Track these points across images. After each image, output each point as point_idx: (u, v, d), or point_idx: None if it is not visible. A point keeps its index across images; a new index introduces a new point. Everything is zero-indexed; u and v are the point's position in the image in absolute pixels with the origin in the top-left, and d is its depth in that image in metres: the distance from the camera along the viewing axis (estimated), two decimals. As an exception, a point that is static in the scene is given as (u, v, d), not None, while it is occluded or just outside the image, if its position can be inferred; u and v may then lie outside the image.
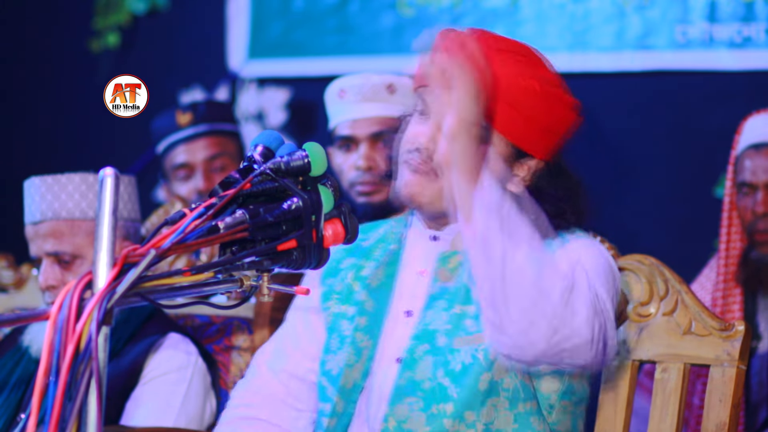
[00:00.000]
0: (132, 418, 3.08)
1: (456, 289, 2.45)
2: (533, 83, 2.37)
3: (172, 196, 4.20)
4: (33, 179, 3.19)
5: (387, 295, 2.51)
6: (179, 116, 4.23)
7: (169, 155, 4.24)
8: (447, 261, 2.47)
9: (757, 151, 3.79)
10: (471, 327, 2.41)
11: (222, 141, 4.25)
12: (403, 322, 2.48)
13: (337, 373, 2.51)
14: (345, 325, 2.53)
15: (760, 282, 3.79)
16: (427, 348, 2.43)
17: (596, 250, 2.43)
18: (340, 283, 2.57)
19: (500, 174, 2.37)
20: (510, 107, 2.36)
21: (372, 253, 2.57)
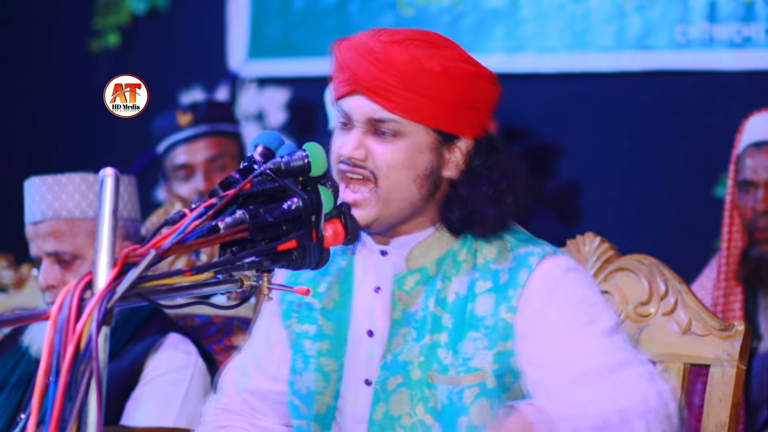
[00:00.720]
0: (132, 418, 3.07)
1: (423, 318, 2.37)
2: (433, 64, 2.32)
3: (172, 196, 4.20)
4: (33, 179, 3.19)
5: (345, 316, 2.44)
6: (179, 117, 4.23)
7: (169, 155, 4.23)
8: (403, 282, 2.40)
9: (758, 149, 3.80)
10: (444, 358, 2.34)
11: (222, 141, 4.24)
12: (366, 342, 2.41)
13: (306, 393, 2.45)
14: (308, 345, 2.46)
15: (761, 280, 3.79)
16: (400, 381, 2.36)
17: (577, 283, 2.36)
18: (298, 301, 2.49)
19: (432, 164, 2.35)
20: (415, 94, 2.32)
21: (328, 267, 2.45)
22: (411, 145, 2.33)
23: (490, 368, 2.32)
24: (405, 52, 2.32)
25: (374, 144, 2.33)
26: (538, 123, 4.87)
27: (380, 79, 2.31)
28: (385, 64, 2.31)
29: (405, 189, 2.34)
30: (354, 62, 2.33)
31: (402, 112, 2.32)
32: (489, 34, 4.84)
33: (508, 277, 2.35)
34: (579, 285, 2.34)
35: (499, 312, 2.33)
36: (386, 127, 2.32)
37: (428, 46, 2.34)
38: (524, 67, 4.79)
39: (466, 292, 2.37)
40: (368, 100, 2.32)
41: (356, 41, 2.36)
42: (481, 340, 2.33)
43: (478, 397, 2.32)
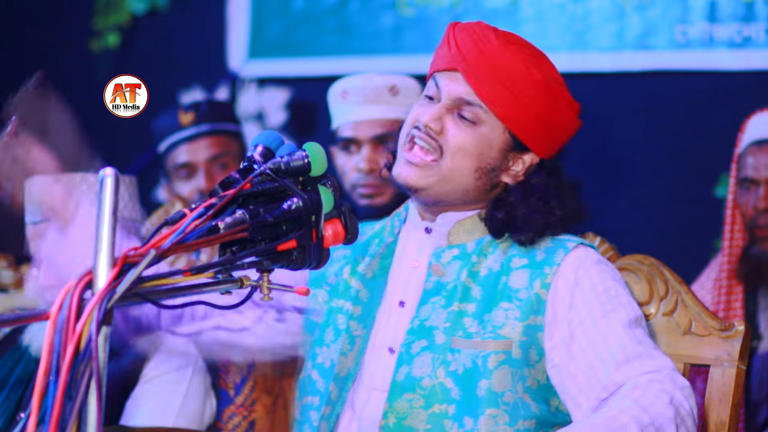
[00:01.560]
0: (132, 418, 3.08)
1: (453, 287, 2.46)
2: (535, 72, 2.44)
3: (173, 195, 4.20)
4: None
5: (381, 286, 2.53)
6: (181, 116, 4.23)
7: (171, 154, 4.23)
8: (440, 256, 2.50)
9: (759, 147, 3.81)
10: (470, 326, 2.42)
11: (224, 141, 4.25)
12: (396, 312, 2.50)
13: (329, 366, 2.52)
14: (341, 320, 2.55)
15: (761, 278, 3.79)
16: (425, 344, 2.44)
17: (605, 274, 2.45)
18: (335, 276, 2.59)
19: (496, 163, 2.45)
20: (510, 92, 2.42)
21: (368, 248, 2.59)
22: (485, 136, 2.44)
23: (518, 339, 2.40)
24: (516, 53, 2.44)
25: (452, 124, 2.44)
26: (538, 123, 4.86)
27: (484, 67, 2.42)
28: (494, 57, 2.42)
29: (464, 175, 2.44)
30: (465, 45, 2.44)
31: (490, 102, 2.42)
32: (489, 34, 4.84)
33: (545, 256, 2.44)
34: (606, 276, 2.43)
35: (533, 286, 2.42)
36: (470, 111, 2.43)
37: (538, 58, 2.47)
38: (524, 67, 4.79)
39: (500, 267, 2.45)
40: (464, 82, 2.43)
41: (475, 28, 2.47)
42: (513, 310, 2.41)
43: (502, 363, 2.39)
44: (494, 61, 2.42)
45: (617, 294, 2.42)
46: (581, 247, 2.46)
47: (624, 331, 2.37)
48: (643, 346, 2.36)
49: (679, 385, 2.31)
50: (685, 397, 2.30)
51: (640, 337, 2.37)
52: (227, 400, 3.31)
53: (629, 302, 2.43)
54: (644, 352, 2.35)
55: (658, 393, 2.28)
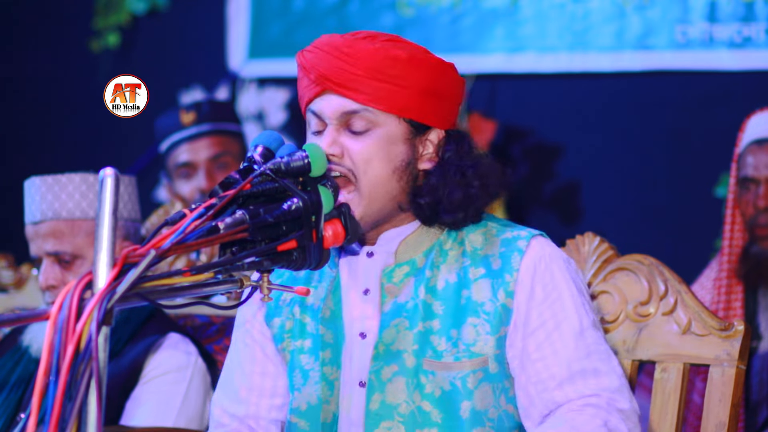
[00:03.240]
0: (132, 418, 3.08)
1: (414, 306, 2.38)
2: (398, 52, 2.35)
3: (174, 194, 4.21)
4: (33, 179, 3.19)
5: (340, 322, 2.43)
6: (183, 115, 4.23)
7: (172, 154, 4.24)
8: (392, 276, 2.41)
9: (759, 146, 3.81)
10: (438, 344, 2.36)
11: (225, 140, 4.25)
12: (359, 344, 2.41)
13: (306, 408, 2.43)
14: (304, 360, 2.45)
15: (761, 277, 3.79)
16: (396, 369, 2.37)
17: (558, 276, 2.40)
18: (289, 320, 2.48)
19: (407, 155, 2.38)
20: (384, 83, 2.34)
21: (310, 280, 2.48)
22: (384, 136, 2.35)
23: (492, 353, 2.35)
24: (370, 44, 2.36)
25: (348, 141, 2.35)
26: (538, 123, 4.87)
27: (348, 71, 2.34)
28: (352, 56, 2.34)
29: (385, 182, 2.35)
30: (320, 60, 2.36)
31: (372, 102, 2.34)
32: (489, 34, 4.84)
33: (501, 263, 2.37)
34: (559, 279, 2.38)
35: (498, 297, 2.36)
36: (358, 119, 2.34)
37: (391, 39, 2.39)
38: (524, 67, 4.79)
39: (457, 279, 2.38)
40: (338, 96, 2.35)
41: (320, 42, 2.39)
42: (482, 325, 2.35)
43: (482, 381, 2.35)
44: (354, 63, 2.34)
45: (572, 297, 2.37)
46: (533, 243, 2.39)
47: (573, 344, 2.33)
48: (589, 360, 2.32)
49: (615, 408, 2.29)
50: (621, 420, 2.28)
51: (590, 346, 2.34)
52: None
53: (582, 305, 2.37)
54: (589, 368, 2.32)
55: (590, 418, 2.26)
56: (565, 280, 2.38)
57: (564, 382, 2.31)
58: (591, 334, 2.36)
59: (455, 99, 2.43)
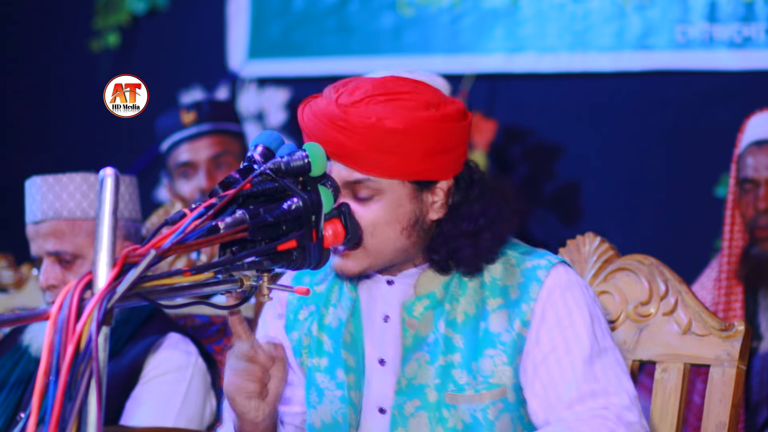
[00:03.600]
0: (132, 418, 3.08)
1: (435, 340, 2.38)
2: (394, 123, 2.29)
3: (174, 194, 4.21)
4: (34, 179, 3.19)
5: (361, 348, 2.43)
6: (183, 115, 4.24)
7: (172, 153, 4.24)
8: (412, 309, 2.40)
9: (759, 147, 3.80)
10: (460, 378, 2.36)
11: (226, 140, 4.26)
12: (378, 370, 2.41)
13: (320, 426, 2.45)
14: (320, 378, 2.46)
15: (761, 278, 3.79)
16: (418, 404, 2.37)
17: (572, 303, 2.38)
18: (306, 336, 2.49)
19: (415, 213, 2.36)
20: (384, 154, 2.30)
21: (329, 298, 2.49)
22: (391, 201, 2.33)
23: (511, 383, 2.36)
24: (364, 116, 2.29)
25: (355, 206, 2.32)
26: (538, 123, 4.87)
27: (346, 146, 2.30)
28: (348, 130, 2.29)
29: (393, 242, 2.35)
30: (318, 131, 2.32)
31: (374, 172, 2.31)
32: (489, 34, 4.84)
33: (519, 293, 2.37)
34: (572, 306, 2.36)
35: (514, 327, 2.35)
36: (363, 188, 2.32)
37: (388, 102, 2.31)
38: (524, 67, 4.79)
39: (475, 311, 2.38)
40: (340, 164, 2.32)
41: (317, 109, 2.34)
42: (499, 356, 2.35)
43: (502, 412, 2.36)
44: (351, 136, 2.28)
45: (585, 324, 2.35)
46: (553, 273, 2.37)
47: (583, 369, 2.32)
48: (598, 383, 2.31)
49: (624, 421, 2.28)
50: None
51: (599, 372, 2.33)
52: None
53: (595, 331, 2.36)
54: (599, 390, 2.31)
55: (597, 426, 2.26)
56: (578, 307, 2.36)
57: (573, 403, 2.31)
58: (603, 359, 2.35)
59: (462, 146, 2.39)
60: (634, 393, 2.34)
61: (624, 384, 2.34)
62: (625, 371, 2.37)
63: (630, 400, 2.32)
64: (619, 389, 2.33)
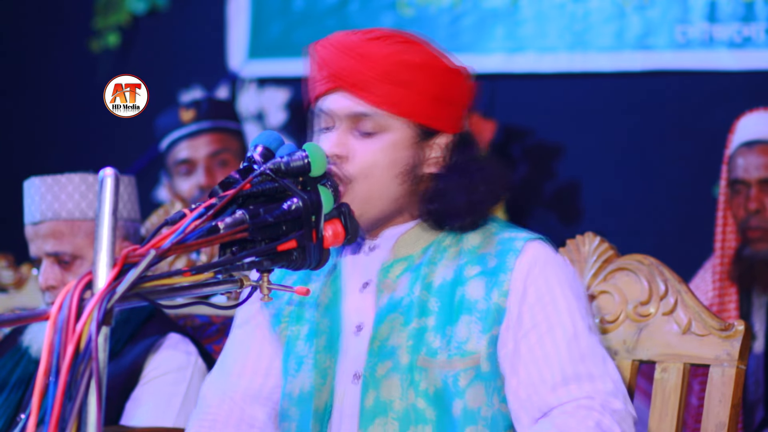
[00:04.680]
0: (132, 418, 3.07)
1: (409, 302, 2.38)
2: (412, 56, 2.35)
3: (173, 193, 4.22)
4: (33, 179, 3.19)
5: (337, 312, 2.43)
6: (182, 113, 4.25)
7: (171, 151, 4.25)
8: (389, 271, 2.40)
9: (749, 148, 3.81)
10: (433, 341, 2.35)
11: (224, 138, 4.27)
12: (354, 337, 2.41)
13: (298, 394, 2.43)
14: (300, 346, 2.44)
15: (754, 278, 3.79)
16: (390, 366, 2.36)
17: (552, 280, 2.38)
18: (288, 305, 2.48)
19: (413, 159, 2.37)
20: (397, 87, 2.34)
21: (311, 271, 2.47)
22: (393, 141, 2.35)
23: (485, 352, 2.33)
24: (384, 46, 2.35)
25: (356, 142, 2.34)
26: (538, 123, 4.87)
27: (362, 73, 2.33)
28: (366, 58, 2.33)
29: (386, 186, 2.35)
30: (334, 58, 2.35)
31: (384, 105, 2.34)
32: (489, 34, 4.84)
33: (496, 262, 2.36)
34: (553, 282, 2.36)
35: (492, 296, 2.34)
36: (368, 121, 2.34)
37: (405, 42, 2.38)
38: (524, 67, 4.79)
39: (453, 276, 2.38)
40: (350, 95, 2.34)
41: (334, 39, 2.38)
42: (475, 324, 2.34)
43: (474, 380, 2.34)
44: (370, 64, 2.33)
45: (566, 301, 2.35)
46: (530, 245, 2.38)
47: (566, 348, 2.31)
48: (584, 365, 2.31)
49: (609, 409, 2.27)
50: (615, 421, 2.26)
51: (584, 351, 2.32)
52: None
53: (578, 309, 2.36)
54: (583, 373, 2.30)
55: (582, 419, 2.25)
56: (560, 284, 2.36)
57: (557, 385, 2.30)
58: (585, 338, 2.34)
59: (465, 104, 2.43)
60: (617, 376, 2.34)
61: (607, 366, 2.33)
62: (606, 353, 2.36)
63: (614, 385, 2.31)
64: (603, 373, 2.32)
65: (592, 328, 2.38)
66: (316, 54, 2.39)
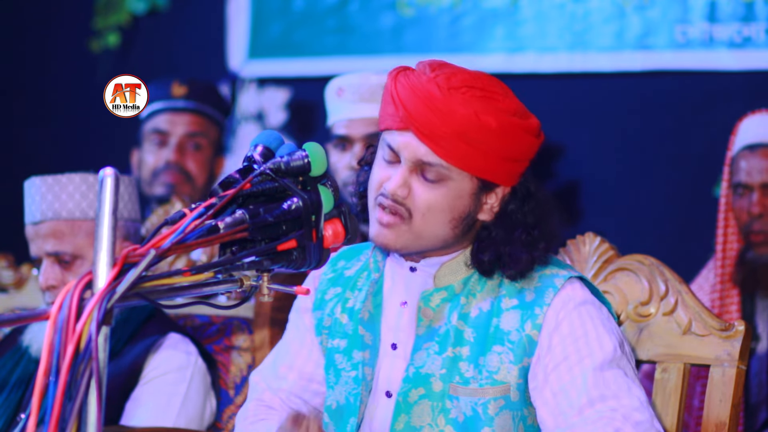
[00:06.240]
0: (132, 418, 3.08)
1: (446, 332, 2.43)
2: (489, 120, 2.36)
3: (138, 160, 4.30)
4: (33, 179, 3.19)
5: (378, 327, 2.50)
6: (175, 87, 4.32)
7: (151, 120, 4.34)
8: (429, 300, 2.46)
9: (752, 151, 3.80)
10: (466, 371, 2.40)
11: (206, 123, 4.35)
12: (389, 354, 2.47)
13: (336, 408, 2.51)
14: (339, 359, 2.52)
15: (757, 282, 3.79)
16: (423, 392, 2.42)
17: (585, 316, 2.41)
18: (329, 317, 2.55)
19: (469, 208, 2.41)
20: (468, 146, 2.36)
21: (356, 282, 2.56)
22: (453, 190, 2.39)
23: (515, 382, 2.39)
24: (464, 104, 2.35)
25: (417, 184, 2.38)
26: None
27: (436, 126, 2.35)
28: (444, 113, 2.35)
29: (438, 228, 2.40)
30: (412, 104, 2.37)
31: (451, 159, 2.36)
32: (489, 34, 4.84)
33: (534, 296, 2.41)
34: (586, 318, 2.40)
35: (525, 328, 2.39)
36: (433, 171, 2.38)
37: (486, 98, 2.38)
38: (524, 67, 4.79)
39: (490, 308, 2.42)
40: (420, 142, 2.37)
41: (416, 82, 2.39)
42: (506, 354, 2.39)
43: (503, 409, 2.39)
44: (444, 118, 2.34)
45: (597, 336, 2.38)
46: (569, 284, 2.42)
47: (593, 375, 2.34)
48: (609, 389, 2.33)
49: (632, 421, 2.30)
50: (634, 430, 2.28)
51: (609, 379, 2.35)
52: (227, 400, 3.31)
53: (608, 342, 2.38)
54: (608, 394, 2.32)
55: (602, 427, 2.28)
56: (592, 319, 2.40)
57: (583, 407, 2.33)
58: (614, 369, 2.36)
59: (528, 160, 2.46)
60: (645, 398, 2.35)
61: (634, 391, 2.35)
62: (636, 383, 2.37)
63: (640, 403, 2.33)
64: (629, 394, 2.34)
65: (625, 362, 2.39)
66: (394, 89, 2.41)
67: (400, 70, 2.44)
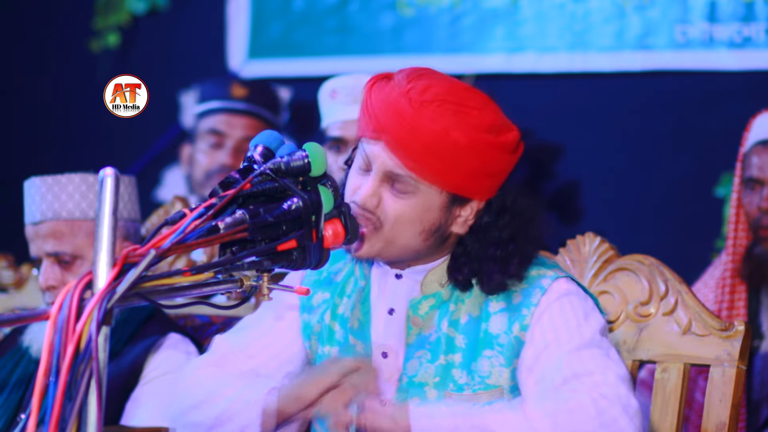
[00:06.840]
0: (132, 418, 3.08)
1: (437, 339, 2.42)
2: (458, 136, 2.34)
3: (189, 158, 4.23)
4: (33, 179, 3.19)
5: (368, 336, 2.48)
6: (235, 88, 4.27)
7: (207, 119, 4.27)
8: (417, 308, 2.45)
9: (764, 147, 3.80)
10: (459, 377, 2.40)
11: (263, 127, 4.29)
12: (380, 362, 2.45)
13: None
14: None
15: (764, 278, 3.79)
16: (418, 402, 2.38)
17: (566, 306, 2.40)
18: (318, 323, 2.53)
19: (440, 221, 2.39)
20: (438, 160, 2.34)
21: (344, 289, 2.53)
22: (423, 203, 2.37)
23: (508, 385, 2.39)
24: (434, 119, 2.34)
25: (387, 195, 2.38)
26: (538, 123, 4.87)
27: (406, 140, 2.34)
28: (413, 128, 2.34)
29: (409, 239, 2.39)
30: (383, 116, 2.36)
31: (421, 173, 2.35)
32: (489, 34, 4.84)
33: (521, 298, 2.40)
34: (567, 308, 2.39)
35: (513, 329, 2.39)
36: (402, 183, 2.36)
37: (459, 113, 2.36)
38: (524, 67, 4.79)
39: (478, 312, 2.42)
40: (391, 153, 2.36)
41: (388, 95, 2.38)
42: (496, 357, 2.39)
43: None
44: (414, 132, 2.33)
45: (578, 324, 2.37)
46: (557, 282, 2.41)
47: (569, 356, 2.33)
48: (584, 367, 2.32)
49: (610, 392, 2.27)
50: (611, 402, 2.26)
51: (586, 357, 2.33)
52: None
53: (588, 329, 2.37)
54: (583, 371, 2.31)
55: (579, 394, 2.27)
56: (573, 309, 2.39)
57: (559, 386, 2.32)
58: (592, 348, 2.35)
59: (505, 174, 2.43)
60: (625, 375, 2.33)
61: (611, 367, 2.33)
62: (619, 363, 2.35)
63: (616, 378, 2.30)
64: (605, 370, 2.32)
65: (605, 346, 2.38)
66: (368, 99, 2.40)
67: (376, 80, 2.43)
